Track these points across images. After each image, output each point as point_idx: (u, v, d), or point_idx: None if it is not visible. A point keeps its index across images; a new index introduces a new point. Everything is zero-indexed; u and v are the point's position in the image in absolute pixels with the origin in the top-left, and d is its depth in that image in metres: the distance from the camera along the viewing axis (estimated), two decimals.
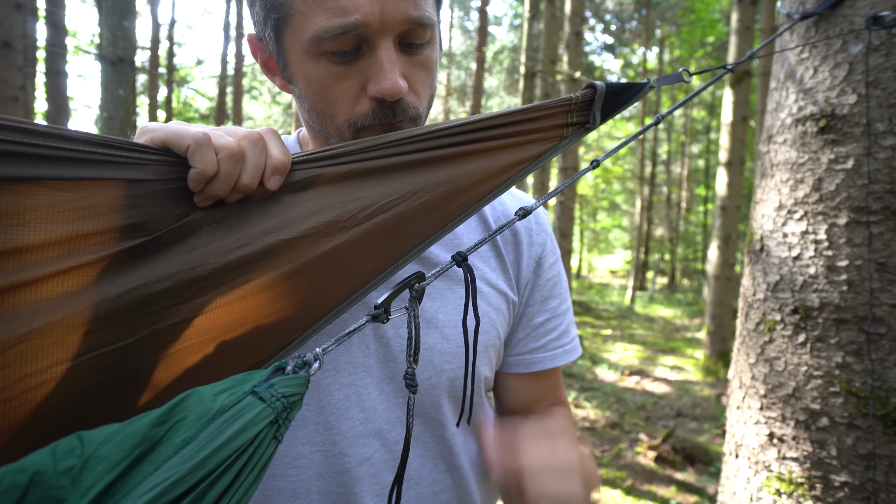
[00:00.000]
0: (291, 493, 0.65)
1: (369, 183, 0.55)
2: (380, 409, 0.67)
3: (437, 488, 0.72)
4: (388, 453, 0.68)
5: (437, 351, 0.69)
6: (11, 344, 0.39)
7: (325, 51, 0.58)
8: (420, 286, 0.34)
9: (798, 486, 1.13)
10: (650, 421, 4.94)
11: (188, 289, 0.46)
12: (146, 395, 0.46)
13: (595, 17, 17.13)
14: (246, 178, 0.48)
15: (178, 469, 0.25)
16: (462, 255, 0.41)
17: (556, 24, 6.90)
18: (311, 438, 0.65)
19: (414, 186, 0.56)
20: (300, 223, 0.51)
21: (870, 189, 1.07)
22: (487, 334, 0.73)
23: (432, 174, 0.57)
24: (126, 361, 0.45)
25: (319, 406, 0.65)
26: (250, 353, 0.51)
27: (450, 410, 0.72)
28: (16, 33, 3.18)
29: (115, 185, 0.44)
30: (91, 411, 0.44)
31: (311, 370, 0.30)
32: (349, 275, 0.54)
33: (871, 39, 1.07)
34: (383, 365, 0.68)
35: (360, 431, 0.66)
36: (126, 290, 0.44)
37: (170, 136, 0.46)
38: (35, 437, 0.42)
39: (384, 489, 0.67)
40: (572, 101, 0.62)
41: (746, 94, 6.53)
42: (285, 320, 0.52)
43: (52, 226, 0.41)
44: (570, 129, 0.63)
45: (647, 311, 12.75)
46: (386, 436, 0.68)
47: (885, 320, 1.04)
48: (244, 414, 0.28)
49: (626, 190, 21.90)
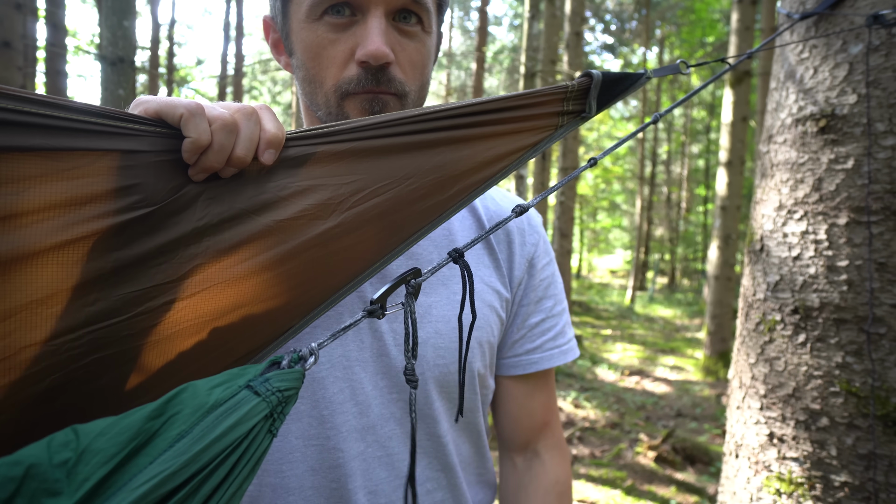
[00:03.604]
0: (284, 488, 0.64)
1: (363, 164, 0.54)
2: (374, 405, 0.67)
3: (431, 486, 0.72)
4: (381, 449, 0.68)
5: (430, 346, 0.69)
6: (9, 314, 0.39)
7: (322, 12, 0.63)
8: (416, 282, 0.34)
9: (798, 486, 1.13)
10: (650, 421, 4.93)
11: (182, 266, 0.46)
12: (139, 378, 0.46)
13: (595, 17, 17.14)
14: (240, 149, 0.47)
15: (173, 462, 0.25)
16: (458, 252, 0.41)
17: (556, 24, 6.90)
18: (304, 432, 0.65)
19: (407, 171, 0.55)
20: (293, 204, 0.51)
21: (870, 189, 1.06)
22: (481, 330, 0.73)
23: (426, 158, 0.56)
24: (122, 340, 0.44)
25: (314, 400, 0.65)
26: (244, 340, 0.51)
27: (441, 407, 0.72)
28: (16, 33, 3.18)
29: (110, 156, 0.43)
30: (88, 391, 0.44)
31: (306, 365, 0.30)
32: (342, 262, 0.54)
33: (871, 39, 1.07)
34: (377, 360, 0.68)
35: (353, 426, 0.66)
36: (120, 265, 0.43)
37: (163, 107, 0.46)
38: (42, 415, 0.42)
39: (377, 485, 0.67)
40: (568, 88, 0.61)
41: (746, 94, 6.53)
42: (279, 308, 0.51)
43: (43, 196, 0.40)
44: (566, 118, 0.63)
45: (647, 311, 12.75)
46: (379, 431, 0.67)
47: (885, 320, 1.04)
48: (239, 408, 0.28)
49: (626, 190, 21.90)
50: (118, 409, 0.46)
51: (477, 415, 0.77)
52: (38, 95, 0.40)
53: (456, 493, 0.74)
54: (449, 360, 0.70)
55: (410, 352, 0.33)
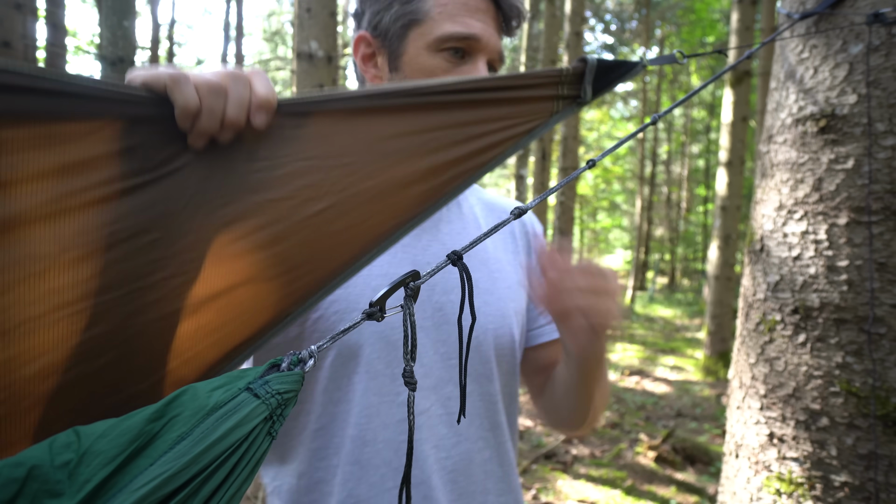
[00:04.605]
0: (361, 440, 0.72)
1: (357, 140, 0.54)
2: (434, 367, 0.75)
3: (482, 444, 0.80)
4: (442, 408, 0.76)
5: (482, 313, 0.78)
6: (10, 286, 0.39)
7: (444, 48, 0.76)
8: (415, 285, 0.34)
9: (798, 486, 1.13)
10: (650, 421, 4.93)
11: (177, 241, 0.46)
12: (138, 361, 0.46)
13: (595, 17, 17.13)
14: (231, 110, 0.47)
15: (174, 464, 0.25)
16: (457, 254, 0.41)
17: (556, 24, 6.90)
18: (380, 389, 0.73)
19: (401, 154, 0.55)
20: (286, 184, 0.51)
21: (870, 189, 1.06)
22: (516, 302, 0.85)
23: (422, 140, 0.56)
24: (123, 317, 0.44)
25: (388, 360, 0.73)
26: (243, 324, 0.51)
27: (496, 366, 0.81)
28: (16, 33, 3.18)
29: (109, 124, 0.43)
30: (93, 370, 0.44)
31: (305, 367, 0.30)
32: (337, 246, 0.54)
33: (871, 39, 1.07)
34: (438, 328, 0.76)
35: (419, 385, 0.74)
36: (116, 238, 0.43)
37: (148, 77, 0.46)
38: (49, 390, 0.42)
39: (440, 441, 0.75)
40: (563, 72, 0.62)
41: (746, 94, 6.53)
42: (275, 291, 0.51)
43: (37, 163, 0.40)
44: (561, 103, 0.63)
45: (647, 311, 12.74)
46: (440, 391, 0.76)
47: (885, 320, 1.04)
48: (239, 410, 0.28)
49: (626, 190, 21.89)
50: (116, 393, 0.46)
51: (515, 379, 0.87)
52: (36, 69, 0.40)
53: (500, 451, 0.82)
54: (499, 325, 0.81)
55: (409, 354, 0.33)
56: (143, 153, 0.45)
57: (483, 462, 0.79)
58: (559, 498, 3.43)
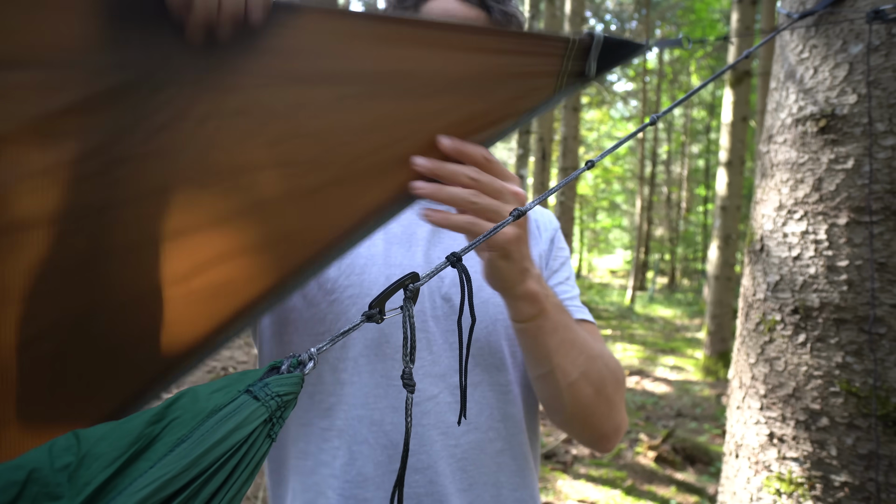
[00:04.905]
0: (370, 420, 0.73)
1: (359, 53, 0.52)
2: (444, 356, 0.76)
3: (493, 435, 0.78)
4: (451, 396, 0.75)
5: (491, 304, 0.78)
6: None
7: None
8: (414, 286, 0.34)
9: (798, 486, 1.13)
10: (650, 421, 4.93)
11: (151, 138, 0.45)
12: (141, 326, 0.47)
13: (595, 17, 17.14)
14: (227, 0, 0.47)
15: (174, 466, 0.25)
16: (456, 256, 0.41)
17: (556, 24, 6.90)
18: (388, 373, 0.74)
19: (404, 119, 0.55)
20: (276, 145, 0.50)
21: (870, 189, 1.06)
22: None
23: (426, 103, 0.56)
24: (105, 239, 0.45)
25: (397, 346, 0.74)
26: (247, 282, 0.51)
27: (508, 356, 0.80)
28: None
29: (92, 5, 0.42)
30: (84, 295, 0.45)
31: (305, 370, 0.31)
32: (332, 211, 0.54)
33: (871, 39, 1.07)
34: (447, 318, 0.77)
35: (427, 371, 0.75)
36: (95, 141, 0.43)
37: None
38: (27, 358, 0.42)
39: (448, 428, 0.75)
40: (569, 43, 0.60)
41: (746, 94, 6.53)
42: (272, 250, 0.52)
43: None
44: (566, 79, 0.62)
45: (647, 311, 12.75)
46: (448, 380, 0.76)
47: (885, 320, 1.04)
48: (238, 412, 0.28)
49: (626, 190, 21.90)
50: (113, 364, 0.47)
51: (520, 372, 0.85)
52: None
53: (513, 444, 0.80)
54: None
55: (409, 356, 0.33)
56: (136, 56, 0.44)
57: (495, 454, 0.78)
58: (559, 498, 3.43)
